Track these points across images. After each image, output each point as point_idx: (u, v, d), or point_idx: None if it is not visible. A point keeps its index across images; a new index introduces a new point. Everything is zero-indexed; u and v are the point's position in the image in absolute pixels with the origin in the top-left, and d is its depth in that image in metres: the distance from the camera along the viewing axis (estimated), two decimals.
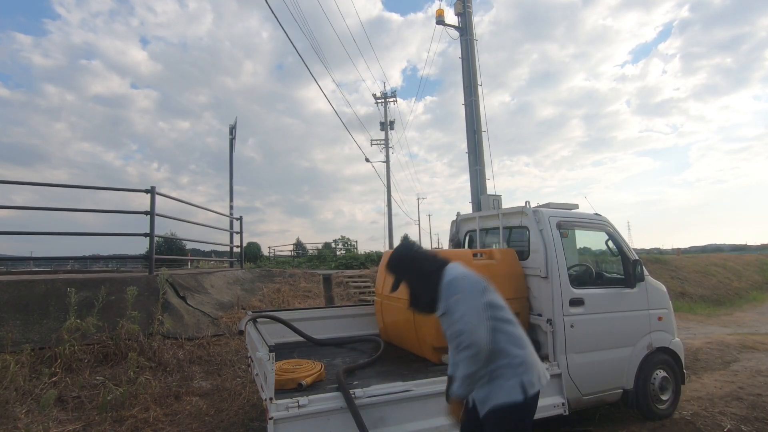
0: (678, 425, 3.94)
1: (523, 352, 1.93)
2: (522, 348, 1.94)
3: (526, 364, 1.91)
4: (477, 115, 8.97)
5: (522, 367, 1.90)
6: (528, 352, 1.95)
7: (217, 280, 7.78)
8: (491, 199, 7.09)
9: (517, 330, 1.98)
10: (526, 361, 1.92)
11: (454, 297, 1.94)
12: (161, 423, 3.80)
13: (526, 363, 1.92)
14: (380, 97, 26.73)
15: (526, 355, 1.93)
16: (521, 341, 1.96)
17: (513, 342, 1.93)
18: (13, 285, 5.17)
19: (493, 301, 1.96)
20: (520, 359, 1.91)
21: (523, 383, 1.87)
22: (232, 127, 13.55)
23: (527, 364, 1.92)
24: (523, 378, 1.88)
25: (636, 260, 4.05)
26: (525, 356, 1.93)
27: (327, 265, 17.99)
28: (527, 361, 1.93)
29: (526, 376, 1.89)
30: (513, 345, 1.92)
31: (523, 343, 1.96)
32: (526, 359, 1.93)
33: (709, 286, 16.43)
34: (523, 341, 1.97)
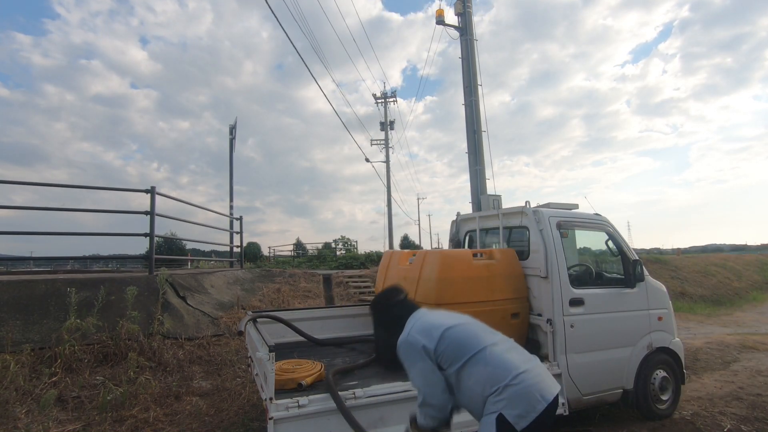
0: (678, 425, 3.94)
1: (502, 383, 1.78)
2: (500, 382, 1.78)
3: (506, 398, 1.76)
4: (477, 115, 8.97)
5: (504, 401, 1.75)
6: (509, 381, 1.78)
7: (217, 280, 7.78)
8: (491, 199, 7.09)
9: (482, 364, 1.84)
10: (506, 392, 1.77)
11: (404, 366, 2.00)
12: (161, 423, 3.80)
13: (506, 397, 1.76)
14: (380, 97, 26.75)
15: (507, 384, 1.77)
16: (500, 373, 1.80)
17: (485, 380, 1.81)
18: (13, 285, 5.17)
19: (442, 349, 1.89)
20: (497, 394, 1.77)
21: (503, 417, 1.73)
22: (232, 127, 13.55)
23: (508, 398, 1.76)
24: (504, 411, 1.74)
25: (636, 260, 4.05)
26: (506, 386, 1.77)
27: (327, 265, 17.99)
28: (510, 390, 1.77)
29: (509, 409, 1.74)
30: (489, 383, 1.80)
31: (496, 376, 1.80)
32: (508, 389, 1.77)
33: (709, 286, 16.43)
34: (497, 373, 1.80)
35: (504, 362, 1.84)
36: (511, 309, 3.66)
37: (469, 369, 1.85)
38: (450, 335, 1.92)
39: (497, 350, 1.89)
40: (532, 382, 1.79)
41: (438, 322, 1.99)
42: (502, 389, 1.77)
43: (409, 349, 1.94)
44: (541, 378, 1.85)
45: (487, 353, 1.86)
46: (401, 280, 3.92)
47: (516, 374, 1.79)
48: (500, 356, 1.86)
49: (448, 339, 1.91)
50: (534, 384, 1.79)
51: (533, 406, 1.75)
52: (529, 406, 1.75)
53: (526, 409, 1.74)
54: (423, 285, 3.58)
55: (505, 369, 1.81)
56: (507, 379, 1.78)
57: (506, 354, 1.89)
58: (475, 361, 1.85)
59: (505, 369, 1.81)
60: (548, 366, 3.41)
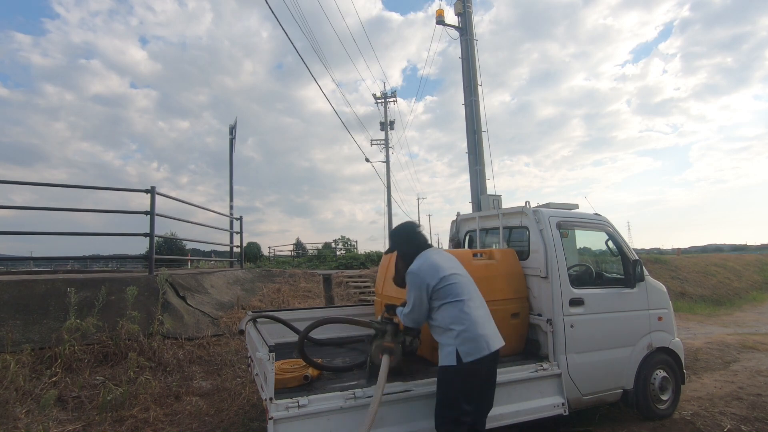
0: (678, 425, 3.94)
1: (462, 327, 2.49)
2: (461, 324, 2.50)
3: (462, 336, 2.47)
4: (477, 115, 8.97)
5: (459, 339, 2.47)
6: (467, 327, 2.49)
7: (217, 280, 7.78)
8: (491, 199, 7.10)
9: (457, 309, 2.54)
10: (463, 335, 2.48)
11: (407, 285, 2.73)
12: (161, 423, 3.80)
13: (462, 336, 2.48)
14: (380, 97, 26.75)
15: (465, 329, 2.49)
16: (461, 318, 2.52)
17: (453, 320, 2.52)
18: (13, 285, 5.17)
19: (437, 288, 2.59)
20: (456, 333, 2.49)
21: (458, 351, 2.45)
22: (232, 127, 13.54)
23: (464, 337, 2.47)
24: (459, 348, 2.45)
25: (636, 260, 4.05)
26: (464, 330, 2.49)
27: (327, 265, 17.99)
28: (466, 334, 2.48)
29: (463, 346, 2.45)
30: (453, 323, 2.52)
31: (462, 320, 2.51)
32: (465, 333, 2.48)
33: (709, 286, 16.43)
34: (462, 318, 2.52)
35: (470, 314, 2.55)
36: (511, 309, 3.66)
37: (447, 307, 2.57)
38: (446, 281, 2.60)
39: (471, 305, 2.59)
40: (483, 333, 2.53)
41: (443, 265, 2.67)
42: (461, 331, 2.49)
43: (416, 279, 2.65)
44: (490, 334, 2.58)
45: (463, 304, 2.56)
46: None
47: (473, 324, 2.52)
48: (470, 310, 2.57)
49: (444, 284, 2.59)
50: (484, 335, 2.53)
51: (479, 350, 2.47)
52: (476, 349, 2.47)
53: (473, 350, 2.47)
54: None
55: (468, 319, 2.53)
56: (467, 322, 2.51)
57: (475, 310, 2.58)
58: (453, 305, 2.57)
59: (468, 319, 2.53)
60: (548, 366, 3.42)
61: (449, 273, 2.64)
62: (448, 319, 2.54)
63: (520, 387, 3.25)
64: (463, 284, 2.67)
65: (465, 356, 2.43)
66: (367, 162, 22.99)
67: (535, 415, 3.21)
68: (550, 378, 3.40)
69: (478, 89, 9.08)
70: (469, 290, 2.66)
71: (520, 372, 3.30)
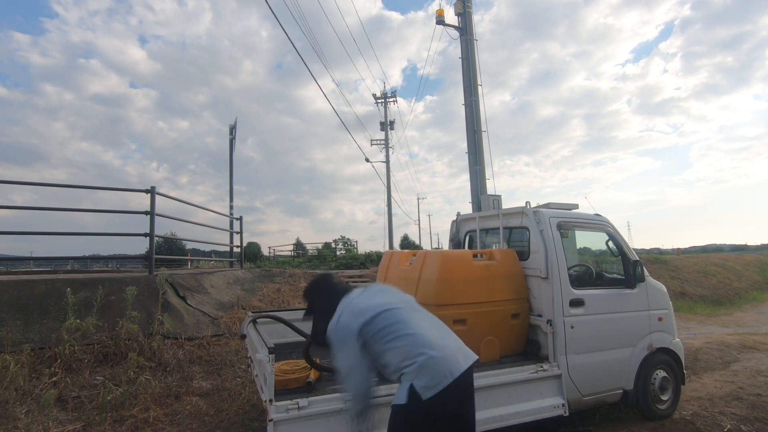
0: (678, 425, 3.94)
1: (414, 360, 1.95)
2: (413, 356, 1.96)
3: (416, 368, 1.94)
4: (477, 115, 8.97)
5: (414, 373, 1.93)
6: (422, 360, 1.94)
7: (217, 280, 7.78)
8: (491, 199, 7.09)
9: (404, 342, 2.00)
10: (417, 366, 1.94)
11: (331, 349, 2.13)
12: (161, 423, 3.80)
13: (416, 367, 1.94)
14: (380, 97, 26.75)
15: (418, 362, 1.94)
16: (411, 350, 1.98)
17: (404, 357, 1.97)
18: (13, 285, 5.17)
19: (370, 330, 2.03)
20: (409, 367, 1.95)
21: (413, 387, 1.91)
22: (232, 127, 13.53)
23: (419, 368, 1.93)
24: (414, 382, 1.92)
25: (636, 261, 4.05)
26: (417, 363, 1.94)
27: (327, 265, 17.99)
28: (420, 364, 1.94)
29: (418, 380, 1.92)
30: (404, 359, 1.96)
31: (413, 351, 1.97)
32: (419, 363, 1.94)
33: (709, 286, 16.43)
34: (413, 349, 1.98)
35: (421, 338, 2.00)
36: (511, 309, 3.66)
37: (392, 346, 2.01)
38: (379, 319, 2.05)
39: (418, 330, 2.04)
40: (442, 356, 1.96)
41: (369, 304, 2.12)
42: (414, 362, 1.94)
43: (338, 334, 2.09)
44: (452, 354, 2.01)
45: (411, 336, 2.01)
46: (401, 280, 3.92)
47: (428, 349, 1.97)
48: (419, 333, 2.02)
49: (378, 323, 2.05)
50: (443, 358, 1.96)
51: (440, 380, 1.91)
52: (435, 379, 1.91)
53: (433, 382, 1.90)
54: (423, 286, 3.57)
55: (419, 345, 1.98)
56: (419, 352, 1.96)
57: (425, 331, 2.06)
58: (398, 340, 2.01)
59: (419, 345, 1.98)
60: (548, 367, 3.41)
61: (381, 310, 2.09)
62: (397, 358, 1.99)
63: (520, 388, 3.25)
64: (403, 312, 2.11)
65: (423, 391, 1.89)
66: (367, 162, 23.02)
67: (535, 416, 3.21)
68: (551, 379, 3.40)
69: (478, 89, 9.08)
70: (412, 318, 2.11)
71: (520, 373, 3.30)
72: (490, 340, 3.52)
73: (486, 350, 3.50)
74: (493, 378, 3.16)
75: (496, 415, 3.01)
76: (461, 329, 3.42)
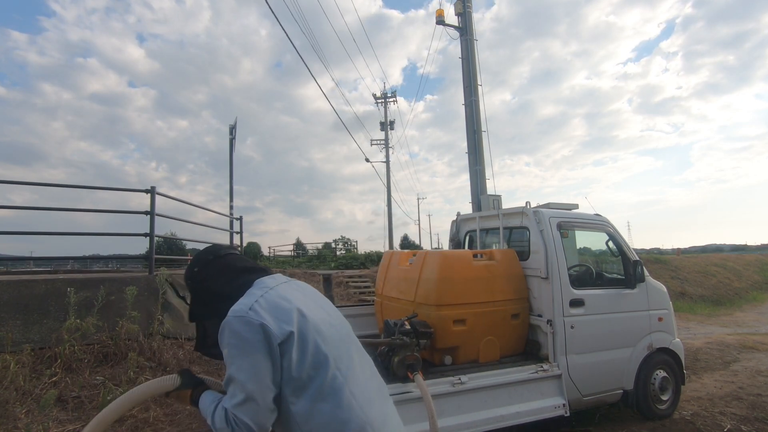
0: (678, 425, 3.94)
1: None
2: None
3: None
4: (477, 114, 8.97)
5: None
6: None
7: None
8: (491, 199, 7.09)
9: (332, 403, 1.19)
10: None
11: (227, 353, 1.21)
12: (161, 423, 3.80)
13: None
14: (380, 97, 26.75)
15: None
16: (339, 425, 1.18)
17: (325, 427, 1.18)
18: (13, 285, 5.16)
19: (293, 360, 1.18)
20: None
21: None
22: (232, 127, 13.51)
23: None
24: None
25: (636, 261, 4.05)
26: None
27: (327, 265, 18.00)
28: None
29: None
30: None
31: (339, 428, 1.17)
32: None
33: (709, 286, 16.44)
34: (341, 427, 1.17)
35: (357, 409, 1.20)
36: (511, 310, 3.66)
37: (317, 404, 1.19)
38: (311, 343, 1.21)
39: (360, 393, 1.24)
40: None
41: (298, 303, 1.28)
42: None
43: (245, 329, 1.17)
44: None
45: (343, 387, 1.21)
46: (401, 280, 3.92)
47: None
48: (359, 407, 1.21)
49: (308, 346, 1.21)
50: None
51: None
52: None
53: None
54: (423, 286, 3.57)
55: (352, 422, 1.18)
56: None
57: (367, 403, 1.25)
58: (329, 396, 1.19)
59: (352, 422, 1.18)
60: (549, 367, 3.41)
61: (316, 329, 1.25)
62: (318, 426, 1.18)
63: (520, 388, 3.25)
64: (334, 339, 1.29)
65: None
66: (367, 162, 23.02)
67: (535, 416, 3.22)
68: (551, 379, 3.40)
69: (478, 89, 9.07)
70: (353, 365, 1.31)
71: (520, 373, 3.30)
72: (490, 340, 3.52)
73: (486, 350, 3.50)
74: (494, 378, 3.17)
75: (496, 415, 3.01)
76: (461, 329, 3.42)
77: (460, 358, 3.49)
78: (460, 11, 9.27)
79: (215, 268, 1.39)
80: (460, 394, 3.00)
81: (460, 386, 3.01)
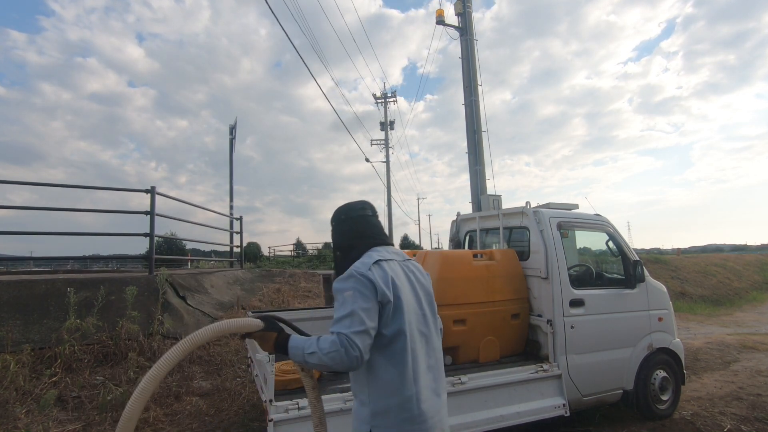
0: (678, 425, 3.94)
1: (392, 403, 1.47)
2: (391, 396, 1.47)
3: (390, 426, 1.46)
4: (477, 114, 8.96)
5: (383, 419, 1.47)
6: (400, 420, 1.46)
7: (217, 280, 7.77)
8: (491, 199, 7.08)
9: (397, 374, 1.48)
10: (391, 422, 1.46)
11: (340, 294, 1.52)
12: (161, 423, 3.80)
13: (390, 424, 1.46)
14: (380, 97, 26.74)
15: (398, 407, 1.46)
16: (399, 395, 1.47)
17: (386, 392, 1.48)
18: (13, 285, 5.16)
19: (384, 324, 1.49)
20: (382, 411, 1.47)
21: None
22: (232, 127, 13.52)
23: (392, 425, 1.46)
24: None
25: (636, 261, 4.05)
26: (397, 409, 1.46)
27: (327, 265, 17.99)
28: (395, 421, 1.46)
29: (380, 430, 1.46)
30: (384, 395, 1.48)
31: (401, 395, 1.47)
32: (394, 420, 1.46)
33: (709, 286, 16.43)
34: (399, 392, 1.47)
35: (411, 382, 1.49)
36: (511, 310, 3.66)
37: (386, 360, 1.49)
38: (399, 312, 1.52)
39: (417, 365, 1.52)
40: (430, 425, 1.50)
41: (399, 283, 1.56)
42: (390, 412, 1.47)
43: (366, 282, 1.48)
44: (438, 421, 1.54)
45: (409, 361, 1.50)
46: None
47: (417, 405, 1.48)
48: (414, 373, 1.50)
49: (397, 311, 1.52)
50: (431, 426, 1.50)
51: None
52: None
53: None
54: None
55: (410, 391, 1.48)
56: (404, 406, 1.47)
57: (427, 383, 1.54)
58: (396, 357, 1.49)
59: (410, 391, 1.48)
60: (549, 367, 3.41)
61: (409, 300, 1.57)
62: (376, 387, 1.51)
63: (520, 388, 3.25)
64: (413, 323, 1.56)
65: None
66: (367, 162, 23.00)
67: (535, 416, 3.22)
68: (551, 379, 3.40)
69: (478, 89, 9.07)
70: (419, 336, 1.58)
71: (520, 373, 3.30)
72: (490, 340, 3.52)
73: (486, 350, 3.50)
74: (494, 378, 3.17)
75: (496, 415, 3.01)
76: (461, 329, 3.42)
77: (460, 358, 3.49)
78: (460, 11, 9.26)
79: (345, 226, 1.75)
80: (460, 394, 3.00)
81: (460, 386, 3.01)
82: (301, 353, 1.43)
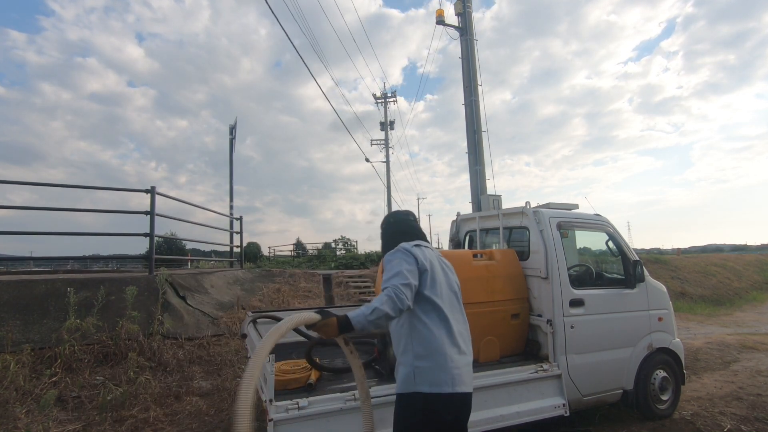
0: (678, 425, 3.94)
1: (430, 348, 1.90)
2: (429, 344, 1.90)
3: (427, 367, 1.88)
4: (477, 114, 8.96)
5: (423, 361, 1.89)
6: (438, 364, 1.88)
7: (217, 280, 7.77)
8: (491, 199, 7.08)
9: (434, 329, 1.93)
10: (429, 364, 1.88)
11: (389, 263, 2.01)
12: (161, 423, 3.80)
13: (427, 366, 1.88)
14: (380, 98, 26.73)
15: (434, 351, 1.89)
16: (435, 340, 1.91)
17: (423, 338, 1.93)
18: (13, 285, 5.17)
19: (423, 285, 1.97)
20: (421, 358, 1.90)
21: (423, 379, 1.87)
22: (232, 127, 13.52)
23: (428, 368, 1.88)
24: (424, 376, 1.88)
25: (636, 261, 4.05)
26: (430, 359, 1.88)
27: (327, 265, 17.98)
28: (431, 364, 1.88)
29: (422, 376, 1.88)
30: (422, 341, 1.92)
31: (436, 343, 1.90)
32: (431, 362, 1.88)
33: (709, 286, 16.43)
34: (434, 341, 1.91)
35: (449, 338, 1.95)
36: (511, 309, 3.66)
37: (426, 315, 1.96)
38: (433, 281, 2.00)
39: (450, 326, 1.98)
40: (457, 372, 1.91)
41: (433, 261, 2.08)
42: (429, 356, 1.90)
43: (409, 253, 2.02)
44: (465, 373, 1.97)
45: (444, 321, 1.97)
46: None
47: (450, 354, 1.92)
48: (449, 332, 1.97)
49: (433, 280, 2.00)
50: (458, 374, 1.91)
51: (442, 387, 1.88)
52: (439, 386, 1.87)
53: (439, 385, 1.88)
54: None
55: (444, 343, 1.93)
56: (439, 351, 1.91)
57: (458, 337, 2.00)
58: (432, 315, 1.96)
59: (444, 343, 1.93)
60: (548, 367, 3.42)
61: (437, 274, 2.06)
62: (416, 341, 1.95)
63: (520, 388, 3.25)
64: (445, 295, 2.06)
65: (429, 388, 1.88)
66: (367, 162, 23.00)
67: (535, 416, 3.21)
68: (551, 379, 3.40)
69: (478, 89, 9.07)
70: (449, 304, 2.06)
71: (520, 373, 3.30)
72: (490, 340, 3.52)
73: (486, 350, 3.50)
74: (494, 378, 3.16)
75: (496, 415, 3.01)
76: None
77: None
78: (460, 11, 9.27)
79: (393, 227, 2.31)
80: None
81: None
82: (363, 319, 1.76)
